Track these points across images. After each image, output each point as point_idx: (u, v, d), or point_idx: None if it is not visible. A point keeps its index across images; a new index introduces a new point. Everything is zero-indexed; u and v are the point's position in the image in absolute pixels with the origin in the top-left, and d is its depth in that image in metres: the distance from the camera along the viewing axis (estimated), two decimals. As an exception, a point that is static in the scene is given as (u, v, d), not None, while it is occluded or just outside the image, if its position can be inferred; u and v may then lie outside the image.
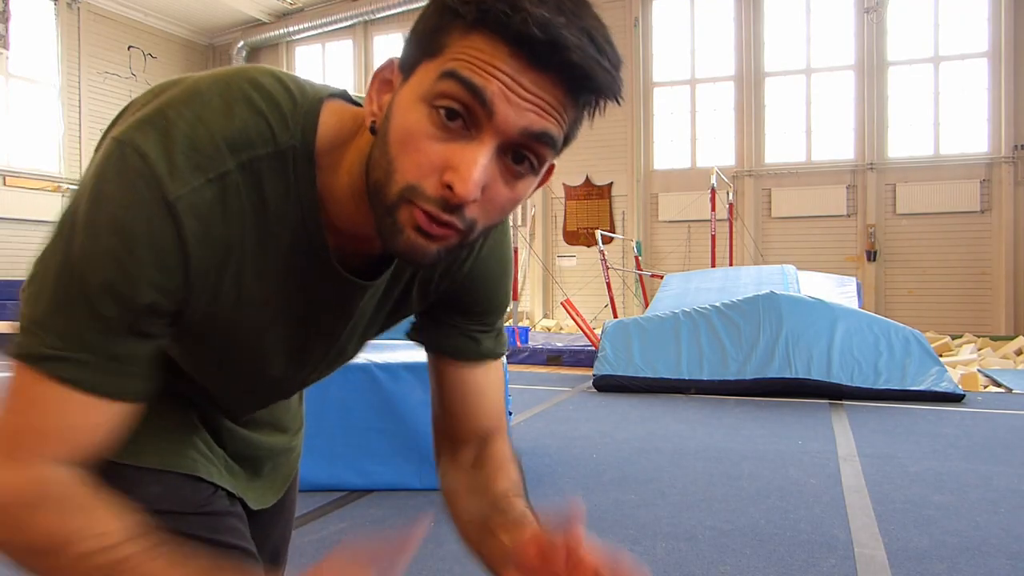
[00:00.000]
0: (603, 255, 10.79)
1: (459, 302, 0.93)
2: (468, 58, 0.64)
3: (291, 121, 0.72)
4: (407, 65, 0.69)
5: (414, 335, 0.97)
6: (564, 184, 14.40)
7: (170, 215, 0.67)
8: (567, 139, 0.72)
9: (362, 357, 3.78)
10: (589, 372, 7.47)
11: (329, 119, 0.75)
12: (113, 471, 0.87)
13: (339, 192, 0.75)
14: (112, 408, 0.72)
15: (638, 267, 12.44)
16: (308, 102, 0.74)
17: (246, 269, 0.75)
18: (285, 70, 0.81)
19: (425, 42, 0.67)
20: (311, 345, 0.88)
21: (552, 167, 0.74)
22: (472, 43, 0.64)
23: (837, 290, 8.01)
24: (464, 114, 0.65)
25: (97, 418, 0.71)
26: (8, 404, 0.70)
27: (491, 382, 0.97)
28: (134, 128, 0.68)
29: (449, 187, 0.65)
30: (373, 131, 0.70)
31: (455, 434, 0.97)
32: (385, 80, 0.71)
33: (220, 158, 0.69)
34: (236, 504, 0.98)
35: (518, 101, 0.65)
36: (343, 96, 0.78)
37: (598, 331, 8.13)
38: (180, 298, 0.71)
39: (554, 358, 8.86)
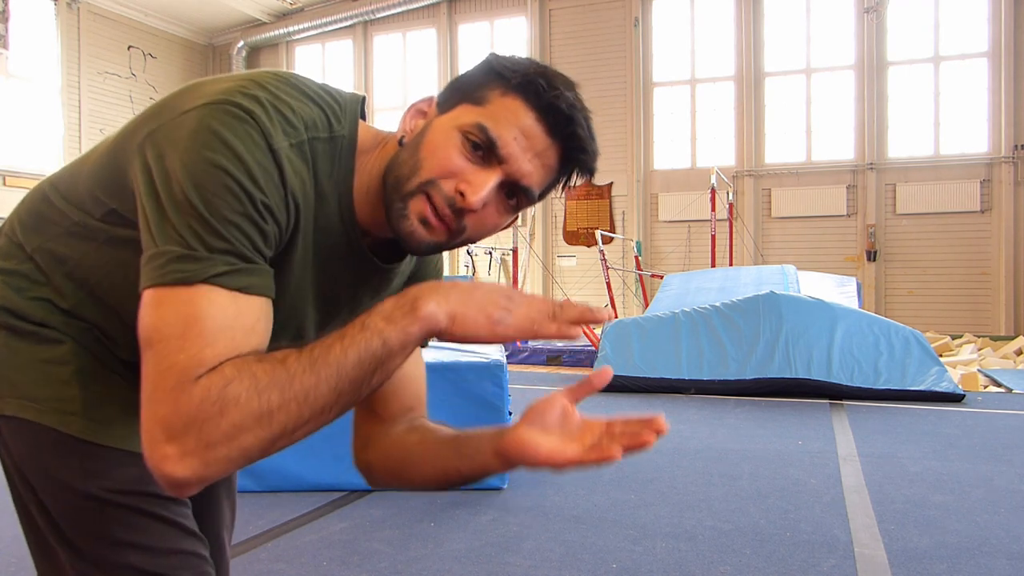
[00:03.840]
0: (603, 255, 10.78)
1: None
2: (501, 116, 0.86)
3: (341, 117, 0.90)
4: (447, 102, 0.90)
5: None
6: (564, 184, 14.38)
7: (275, 159, 0.80)
8: (540, 197, 0.93)
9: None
10: (589, 372, 7.46)
11: (362, 128, 0.93)
12: (90, 451, 0.95)
13: (358, 188, 0.91)
14: (266, 305, 0.81)
15: (638, 267, 12.44)
16: (350, 106, 0.92)
17: (303, 229, 0.87)
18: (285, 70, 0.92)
19: (470, 91, 0.89)
20: (321, 307, 0.99)
21: (516, 217, 0.95)
22: (508, 104, 0.86)
23: (837, 290, 8.01)
24: (485, 150, 0.86)
25: (265, 318, 0.80)
26: (172, 342, 0.74)
27: (415, 362, 1.08)
28: (228, 94, 0.80)
29: (461, 193, 0.85)
30: (400, 143, 0.90)
31: (384, 414, 1.04)
32: (420, 110, 0.92)
33: (299, 129, 0.84)
34: None
35: (528, 153, 0.87)
36: (361, 109, 0.95)
37: (598, 331, 8.13)
38: (281, 231, 0.83)
39: (554, 358, 8.86)
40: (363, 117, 0.95)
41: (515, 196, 0.90)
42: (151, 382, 0.74)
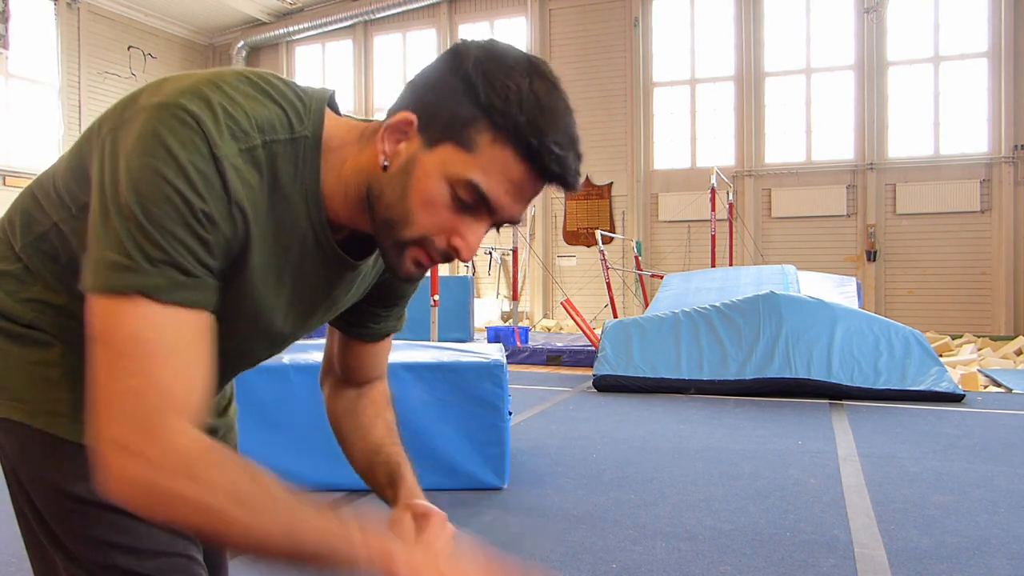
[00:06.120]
0: (603, 255, 10.79)
1: (381, 290, 1.12)
2: (492, 169, 0.83)
3: (304, 116, 0.87)
4: (430, 133, 0.84)
5: (334, 321, 1.17)
6: (564, 184, 14.38)
7: (218, 168, 0.79)
8: None
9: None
10: (589, 372, 7.47)
11: (330, 123, 0.90)
12: (80, 453, 0.92)
13: (328, 188, 0.90)
14: (208, 319, 0.82)
15: (638, 267, 12.44)
16: (315, 103, 0.89)
17: (259, 236, 0.86)
18: (285, 70, 0.89)
19: (455, 126, 0.83)
20: (293, 313, 1.00)
21: None
22: (498, 155, 0.83)
23: (837, 290, 8.01)
24: (475, 204, 0.85)
25: (205, 332, 0.81)
26: (120, 360, 0.75)
27: (383, 348, 1.21)
28: (179, 97, 0.79)
29: (455, 248, 0.87)
30: (384, 168, 0.87)
31: (347, 379, 1.21)
32: (400, 131, 0.86)
33: (251, 134, 0.82)
34: None
35: (518, 200, 0.86)
36: (331, 104, 0.94)
37: (598, 331, 8.13)
38: (228, 239, 0.82)
39: (554, 358, 8.86)
40: (336, 111, 0.94)
41: (499, 226, 0.91)
42: (105, 390, 0.76)
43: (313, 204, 0.89)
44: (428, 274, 7.85)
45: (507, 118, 0.81)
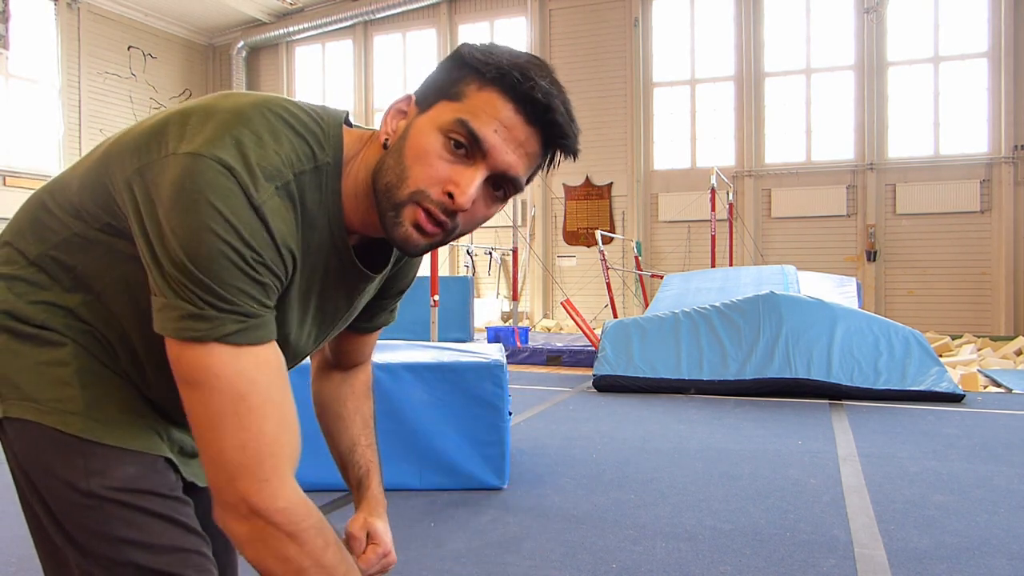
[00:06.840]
0: (603, 255, 10.79)
1: (382, 288, 1.15)
2: (480, 110, 0.87)
3: (325, 143, 0.92)
4: (425, 101, 0.91)
5: None
6: (564, 184, 14.39)
7: (259, 216, 0.83)
8: (527, 182, 0.94)
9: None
10: (589, 372, 7.47)
11: (347, 141, 0.95)
12: (91, 450, 0.96)
13: (347, 193, 0.94)
14: (277, 347, 0.89)
15: (638, 267, 12.44)
16: (332, 128, 0.93)
17: (299, 267, 0.92)
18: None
19: (446, 87, 0.90)
20: (315, 330, 1.05)
21: (505, 203, 0.98)
22: (485, 97, 0.88)
23: (837, 290, 8.01)
24: (467, 147, 0.87)
25: (280, 362, 0.88)
26: (225, 420, 0.83)
27: (373, 336, 1.28)
28: (210, 147, 0.82)
29: (450, 196, 0.88)
30: (385, 146, 0.92)
31: (336, 362, 1.28)
32: (400, 110, 0.93)
33: (283, 170, 0.86)
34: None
35: (510, 144, 0.88)
36: (347, 120, 0.98)
37: (598, 331, 8.13)
38: (280, 278, 0.88)
39: (554, 358, 8.86)
40: (350, 125, 0.98)
41: (501, 187, 0.92)
42: (217, 446, 0.84)
43: (336, 225, 0.94)
44: (428, 274, 7.84)
45: (491, 66, 0.87)
